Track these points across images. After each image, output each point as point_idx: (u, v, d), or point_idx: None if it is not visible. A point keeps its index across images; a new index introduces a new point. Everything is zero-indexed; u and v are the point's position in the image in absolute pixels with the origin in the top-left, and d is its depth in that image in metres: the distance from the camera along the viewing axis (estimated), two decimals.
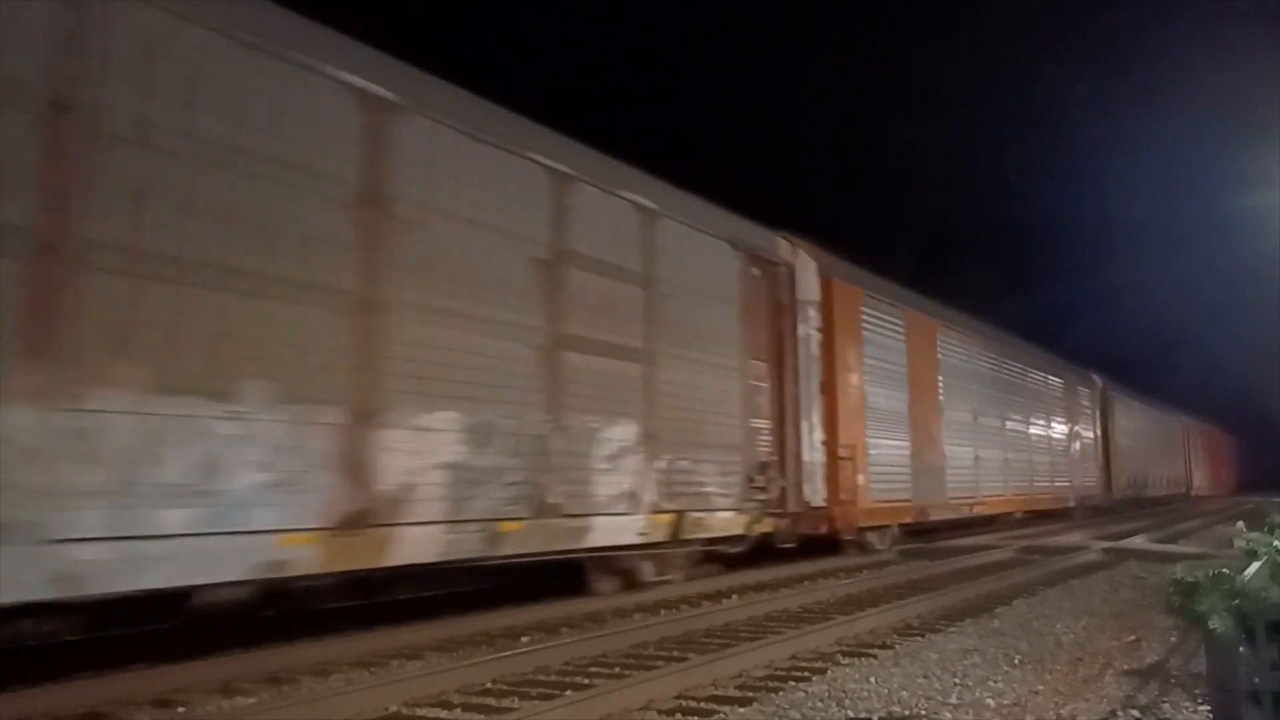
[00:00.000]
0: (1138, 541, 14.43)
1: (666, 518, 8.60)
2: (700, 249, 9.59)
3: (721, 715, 4.55)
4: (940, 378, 15.37)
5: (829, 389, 11.77)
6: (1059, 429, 22.06)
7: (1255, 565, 3.98)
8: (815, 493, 11.19)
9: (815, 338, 11.64)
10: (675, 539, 8.75)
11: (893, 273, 16.16)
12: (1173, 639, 6.41)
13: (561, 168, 7.74)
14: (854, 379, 12.44)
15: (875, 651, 6.08)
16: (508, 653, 5.77)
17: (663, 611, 7.82)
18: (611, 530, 7.92)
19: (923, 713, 4.60)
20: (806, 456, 11.14)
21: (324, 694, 4.78)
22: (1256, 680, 3.27)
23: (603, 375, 8.00)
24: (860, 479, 12.05)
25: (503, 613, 7.24)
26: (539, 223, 7.48)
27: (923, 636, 6.66)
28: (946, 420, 15.31)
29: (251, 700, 5.00)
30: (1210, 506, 33.52)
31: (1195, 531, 18.59)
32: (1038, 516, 20.14)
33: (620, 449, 8.10)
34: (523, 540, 7.02)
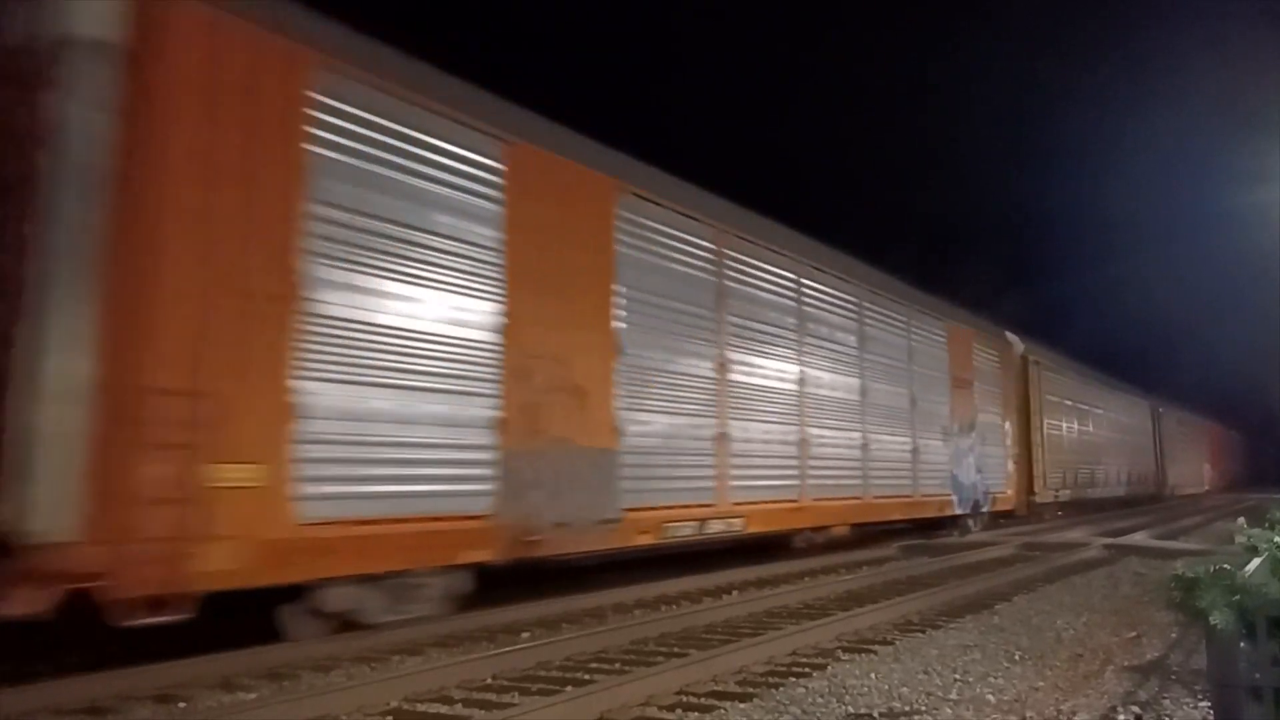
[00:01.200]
0: (1138, 538, 14.45)
1: None
2: None
3: (722, 711, 4.56)
4: (618, 286, 8.61)
5: (122, 252, 4.97)
6: (937, 404, 15.06)
7: (1256, 561, 4.00)
8: (48, 514, 4.53)
9: (93, 124, 4.92)
10: None
11: (893, 270, 14.08)
12: (1173, 635, 6.42)
13: None
14: (224, 228, 5.46)
15: (876, 647, 6.08)
16: (508, 648, 5.77)
17: (663, 608, 7.84)
18: None
19: (923, 709, 4.61)
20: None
21: (324, 689, 4.79)
22: (1257, 676, 3.27)
23: None
24: (242, 474, 5.35)
25: (504, 609, 7.23)
26: None
27: (923, 632, 6.67)
28: (629, 365, 8.58)
29: (252, 695, 5.01)
30: (1201, 506, 30.68)
31: (1196, 528, 18.63)
32: (897, 529, 14.43)
33: None
34: None
